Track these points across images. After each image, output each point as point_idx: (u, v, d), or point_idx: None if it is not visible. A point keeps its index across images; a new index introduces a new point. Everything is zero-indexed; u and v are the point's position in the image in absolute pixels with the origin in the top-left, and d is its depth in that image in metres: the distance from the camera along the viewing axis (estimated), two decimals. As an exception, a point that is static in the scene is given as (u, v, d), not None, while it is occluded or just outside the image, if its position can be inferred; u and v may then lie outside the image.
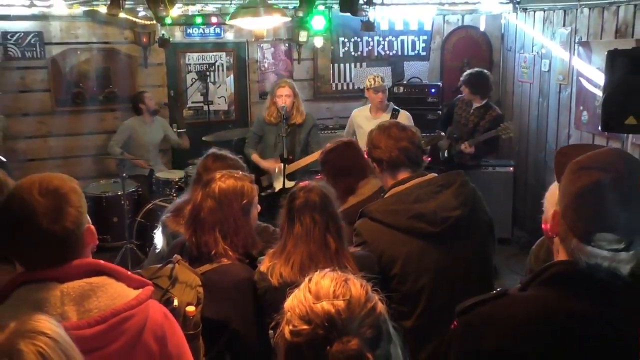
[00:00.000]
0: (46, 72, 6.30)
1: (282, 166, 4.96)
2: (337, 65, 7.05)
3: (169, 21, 4.71)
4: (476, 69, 5.72)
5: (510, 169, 6.34)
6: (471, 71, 5.70)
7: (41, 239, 1.46)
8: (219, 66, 6.90)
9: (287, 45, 6.92)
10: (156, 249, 2.89)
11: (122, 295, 1.51)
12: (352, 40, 7.01)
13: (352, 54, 7.06)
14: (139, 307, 1.51)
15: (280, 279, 2.17)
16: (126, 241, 5.49)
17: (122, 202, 5.54)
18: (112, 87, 6.49)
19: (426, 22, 7.10)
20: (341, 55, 7.04)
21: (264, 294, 2.22)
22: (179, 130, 6.46)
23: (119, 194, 5.62)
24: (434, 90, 6.57)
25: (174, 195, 5.38)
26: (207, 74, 6.79)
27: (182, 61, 6.79)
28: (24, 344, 1.08)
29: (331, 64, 7.03)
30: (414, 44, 7.16)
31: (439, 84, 6.75)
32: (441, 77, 7.08)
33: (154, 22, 5.52)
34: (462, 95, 5.79)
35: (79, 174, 6.12)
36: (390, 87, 6.57)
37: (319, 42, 6.45)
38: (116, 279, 1.54)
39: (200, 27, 6.58)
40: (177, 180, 5.64)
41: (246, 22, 4.28)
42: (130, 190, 5.69)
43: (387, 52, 7.12)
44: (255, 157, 5.34)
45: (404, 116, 5.34)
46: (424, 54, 7.19)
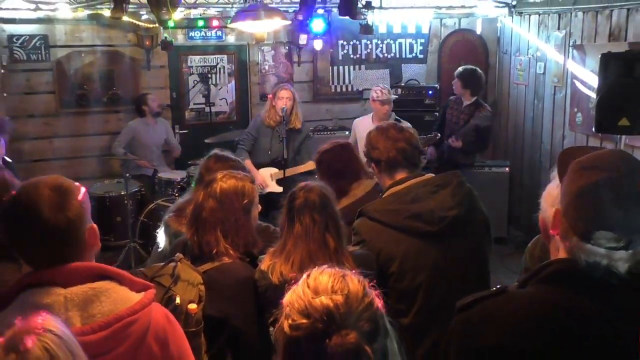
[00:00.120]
0: (51, 74, 6.30)
1: (272, 184, 4.99)
2: (336, 67, 7.05)
3: (171, 24, 4.71)
4: (471, 66, 5.77)
5: (506, 169, 6.36)
6: (466, 67, 5.76)
7: (42, 228, 1.45)
8: (220, 68, 6.90)
9: (287, 48, 6.93)
10: (159, 248, 2.89)
11: (125, 299, 1.50)
12: (351, 43, 7.01)
13: (351, 56, 7.06)
14: (142, 311, 1.50)
15: (280, 277, 2.17)
16: (129, 240, 5.49)
17: (126, 202, 5.53)
18: (115, 89, 6.49)
19: (424, 25, 7.10)
20: (340, 57, 7.04)
21: (265, 292, 2.22)
22: (181, 131, 6.47)
23: (122, 194, 5.61)
24: (431, 92, 6.57)
25: (176, 195, 5.37)
26: (209, 76, 6.79)
27: (184, 63, 6.78)
28: (30, 339, 1.08)
29: (330, 67, 7.03)
30: (411, 47, 7.16)
31: (436, 86, 6.74)
32: (438, 79, 7.08)
33: (157, 25, 5.52)
34: (454, 96, 5.82)
35: (83, 175, 6.14)
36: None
37: (318, 45, 6.45)
38: (119, 283, 1.53)
39: (202, 30, 6.58)
40: (179, 180, 5.64)
41: (247, 25, 4.29)
42: (133, 190, 5.69)
43: (385, 55, 7.13)
44: (248, 163, 5.09)
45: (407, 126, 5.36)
46: (421, 56, 7.19)
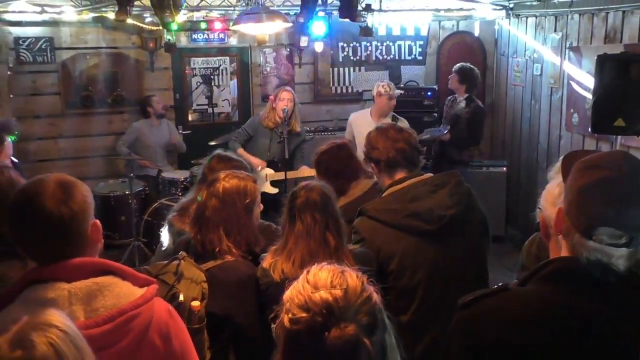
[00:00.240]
0: (56, 76, 6.31)
1: (267, 184, 4.93)
2: (336, 69, 7.05)
3: (174, 27, 4.70)
4: (468, 64, 5.80)
5: (503, 169, 6.37)
6: (464, 63, 5.80)
7: (46, 221, 1.45)
8: (223, 70, 6.91)
9: (288, 50, 6.93)
10: (162, 247, 2.89)
11: (128, 294, 1.50)
12: (351, 45, 7.01)
13: (351, 58, 7.06)
14: (145, 305, 1.50)
15: (282, 275, 2.17)
16: (133, 239, 5.49)
17: (130, 201, 5.54)
18: (120, 90, 6.49)
19: (422, 27, 7.10)
20: (340, 59, 7.04)
21: (267, 290, 2.22)
22: (185, 132, 6.48)
23: (127, 193, 5.62)
24: (430, 93, 6.57)
25: (180, 194, 5.38)
26: (212, 77, 6.78)
27: (187, 65, 6.79)
28: (36, 335, 1.08)
29: (331, 68, 7.03)
30: (410, 49, 7.16)
31: (435, 87, 6.74)
32: (437, 80, 7.08)
33: (160, 27, 5.50)
34: (451, 96, 5.85)
35: (88, 174, 6.14)
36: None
37: (319, 47, 6.45)
38: (122, 278, 1.53)
39: (204, 33, 6.58)
40: (182, 180, 5.64)
41: (249, 28, 4.28)
42: (137, 189, 5.70)
43: (385, 57, 7.13)
44: (241, 151, 5.14)
45: (403, 124, 5.32)
46: (420, 58, 7.19)
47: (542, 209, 1.50)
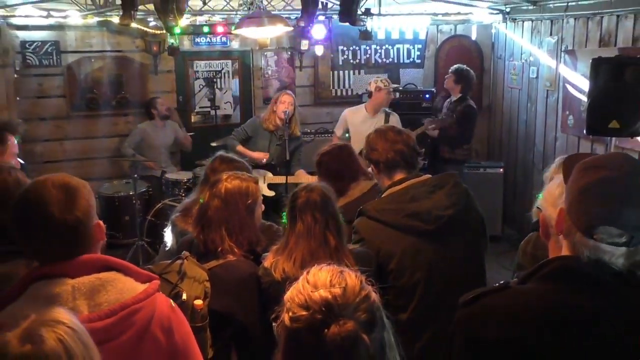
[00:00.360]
0: (62, 79, 6.30)
1: (264, 187, 4.89)
2: (336, 72, 7.05)
3: (178, 31, 4.72)
4: (464, 66, 5.83)
5: (500, 170, 6.38)
6: (461, 65, 5.82)
7: (53, 228, 1.46)
8: (225, 73, 6.90)
9: (289, 53, 6.93)
10: (166, 246, 2.89)
11: (131, 289, 1.51)
12: (351, 48, 7.01)
13: (351, 61, 7.06)
14: (147, 300, 1.51)
15: (283, 274, 2.17)
16: (137, 238, 5.49)
17: (134, 202, 5.54)
18: (124, 93, 6.49)
19: (421, 31, 7.10)
20: (340, 62, 7.04)
21: (268, 288, 2.22)
22: (188, 134, 6.49)
23: (131, 194, 5.61)
24: (428, 95, 6.58)
25: (183, 195, 5.37)
26: (214, 80, 6.80)
27: (190, 68, 6.79)
28: (45, 330, 1.10)
29: (331, 71, 7.03)
30: (409, 52, 7.16)
31: (433, 90, 6.75)
32: (435, 83, 7.07)
33: (164, 31, 5.52)
34: (448, 99, 5.85)
35: (93, 175, 6.14)
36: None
37: (319, 50, 6.45)
38: (125, 274, 1.54)
39: (207, 36, 6.57)
40: (185, 181, 5.63)
41: (251, 32, 4.28)
42: (141, 190, 5.69)
43: (384, 60, 7.12)
44: (240, 147, 5.12)
45: (395, 118, 5.42)
46: (418, 61, 7.19)
47: (543, 209, 1.49)
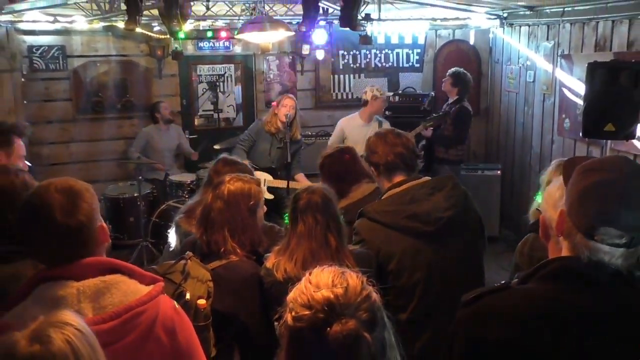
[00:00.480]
0: (68, 82, 6.32)
1: (269, 178, 4.86)
2: (337, 76, 7.06)
3: (181, 35, 4.71)
4: (462, 69, 5.83)
5: (497, 172, 6.38)
6: (458, 68, 5.82)
7: (56, 232, 1.46)
8: (228, 77, 6.91)
9: (291, 57, 6.93)
10: (170, 247, 2.88)
11: (135, 291, 1.50)
12: (351, 53, 7.02)
13: (351, 65, 7.07)
14: (151, 302, 1.50)
15: (284, 274, 2.17)
16: (142, 239, 5.50)
17: (138, 203, 5.54)
18: (129, 96, 6.51)
19: (420, 36, 7.11)
20: (341, 67, 7.05)
21: (270, 288, 2.22)
22: (191, 136, 6.49)
23: (135, 195, 5.61)
24: (427, 99, 6.58)
25: (186, 196, 5.36)
26: (217, 84, 6.81)
27: (193, 72, 6.80)
28: (53, 331, 1.10)
29: (332, 75, 7.04)
30: (408, 57, 7.17)
31: (432, 93, 6.75)
32: (434, 87, 7.08)
33: (168, 36, 5.51)
34: (447, 104, 5.83)
35: (98, 177, 6.16)
36: (391, 94, 6.68)
37: (320, 54, 6.46)
38: (129, 276, 1.53)
39: (210, 41, 6.58)
40: (189, 182, 5.63)
41: (253, 36, 4.29)
42: (145, 192, 5.69)
43: (384, 64, 7.13)
44: (247, 163, 5.06)
45: (387, 125, 5.46)
46: (417, 65, 7.20)
47: (543, 211, 1.49)
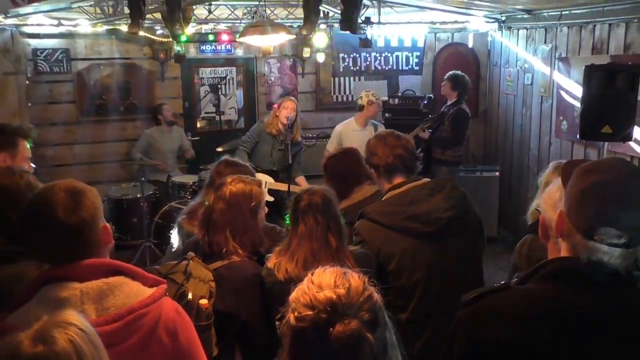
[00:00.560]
0: (72, 85, 6.33)
1: (270, 181, 4.86)
2: (337, 79, 7.06)
3: (184, 39, 4.71)
4: (459, 72, 5.83)
5: (496, 173, 6.38)
6: (456, 71, 5.82)
7: (59, 229, 1.46)
8: (229, 80, 6.92)
9: (292, 60, 6.93)
10: (172, 248, 2.88)
11: (138, 293, 1.50)
12: (352, 56, 7.02)
13: (352, 68, 7.07)
14: (153, 304, 1.50)
15: (285, 275, 2.17)
16: (145, 240, 5.50)
17: (141, 204, 5.54)
18: (132, 99, 6.51)
19: (419, 39, 7.11)
20: (341, 69, 7.05)
21: (271, 288, 2.21)
22: (193, 138, 6.50)
23: (138, 196, 5.61)
24: (426, 101, 6.58)
25: (189, 197, 5.36)
26: (219, 86, 6.80)
27: (196, 75, 6.80)
28: (57, 332, 1.10)
29: (332, 78, 7.04)
30: (407, 59, 7.17)
31: (431, 96, 6.75)
32: (433, 89, 7.08)
33: (171, 39, 5.52)
34: (444, 106, 5.83)
35: (101, 179, 6.16)
36: (386, 98, 6.70)
37: (321, 57, 6.46)
38: (132, 278, 1.53)
39: (212, 44, 6.59)
40: (191, 184, 5.63)
41: (255, 40, 4.29)
42: (148, 193, 5.69)
43: (384, 67, 7.14)
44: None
45: (382, 128, 5.51)
46: (417, 68, 7.20)
47: (543, 212, 1.48)
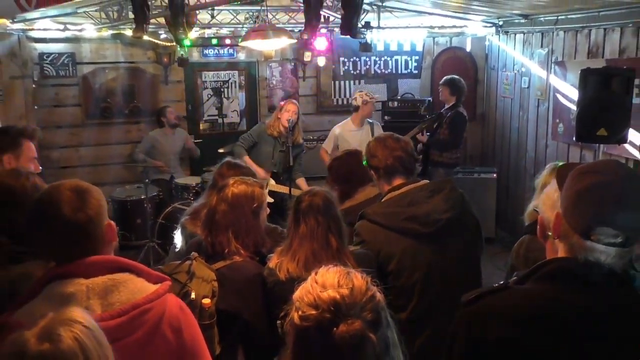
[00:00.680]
0: (78, 88, 6.34)
1: (271, 182, 4.81)
2: (338, 82, 7.07)
3: (187, 43, 4.73)
4: (455, 76, 5.82)
5: (493, 174, 6.37)
6: (452, 76, 5.80)
7: (65, 227, 1.46)
8: (232, 83, 6.92)
9: (293, 64, 6.94)
10: (176, 248, 2.88)
11: (142, 289, 1.50)
12: (352, 60, 7.03)
13: (352, 72, 7.07)
14: (157, 300, 1.50)
15: (287, 274, 2.17)
16: (148, 240, 5.50)
17: (145, 205, 5.54)
18: (136, 102, 6.52)
19: (418, 43, 7.12)
20: (341, 73, 7.05)
21: (273, 288, 2.21)
22: (196, 140, 6.50)
23: (142, 197, 5.61)
24: (424, 104, 6.59)
25: (192, 199, 5.37)
26: (222, 90, 6.82)
27: (199, 79, 6.81)
28: (62, 329, 1.10)
29: (333, 81, 7.05)
30: (407, 63, 7.17)
31: (430, 99, 6.76)
32: (431, 92, 7.08)
33: (174, 43, 5.53)
34: (443, 109, 5.83)
35: (106, 180, 6.16)
36: (385, 101, 6.75)
37: (321, 61, 6.47)
38: (137, 275, 1.53)
39: (215, 48, 6.61)
40: (194, 185, 5.63)
41: (256, 44, 4.29)
42: (152, 194, 5.70)
43: (383, 71, 7.14)
44: (247, 159, 4.98)
45: (379, 127, 5.61)
46: (416, 72, 7.20)
47: (541, 212, 1.47)
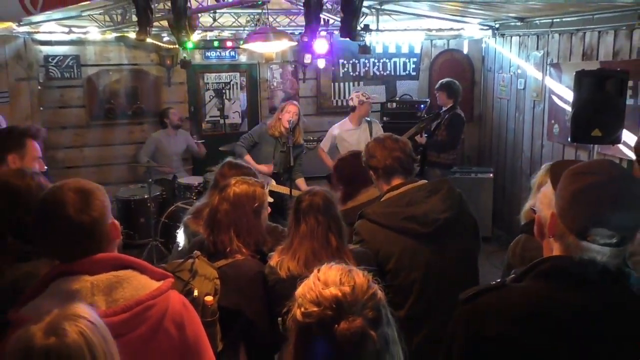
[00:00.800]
0: (82, 90, 6.33)
1: (272, 183, 4.82)
2: (337, 84, 7.07)
3: (190, 45, 4.71)
4: (450, 79, 5.81)
5: (490, 174, 6.37)
6: (448, 79, 5.80)
7: (70, 228, 1.46)
8: (233, 85, 6.92)
9: (293, 66, 6.94)
10: (178, 247, 2.88)
11: (146, 286, 1.51)
12: (351, 62, 7.03)
13: (351, 74, 7.07)
14: (161, 297, 1.50)
15: (287, 272, 2.17)
16: (152, 239, 5.49)
17: (149, 205, 5.54)
18: (139, 103, 6.51)
19: (416, 45, 7.12)
20: (341, 75, 7.05)
21: (274, 286, 2.21)
22: (198, 141, 6.50)
23: (146, 197, 5.61)
24: (422, 106, 6.58)
25: (194, 198, 5.37)
26: (223, 91, 6.82)
27: (201, 80, 6.81)
28: (68, 324, 1.10)
29: (332, 83, 7.05)
30: (405, 65, 7.17)
31: (427, 100, 6.75)
32: (429, 94, 7.07)
33: (177, 46, 5.53)
34: (441, 110, 5.83)
35: (110, 180, 6.16)
36: (384, 102, 6.75)
37: (321, 63, 6.46)
38: (140, 272, 1.54)
39: (217, 51, 6.61)
40: (197, 185, 5.63)
41: (258, 46, 4.29)
42: (155, 194, 5.69)
43: (382, 72, 7.14)
44: (248, 158, 5.02)
45: (378, 125, 5.66)
46: (414, 74, 7.20)
47: (538, 211, 1.47)
